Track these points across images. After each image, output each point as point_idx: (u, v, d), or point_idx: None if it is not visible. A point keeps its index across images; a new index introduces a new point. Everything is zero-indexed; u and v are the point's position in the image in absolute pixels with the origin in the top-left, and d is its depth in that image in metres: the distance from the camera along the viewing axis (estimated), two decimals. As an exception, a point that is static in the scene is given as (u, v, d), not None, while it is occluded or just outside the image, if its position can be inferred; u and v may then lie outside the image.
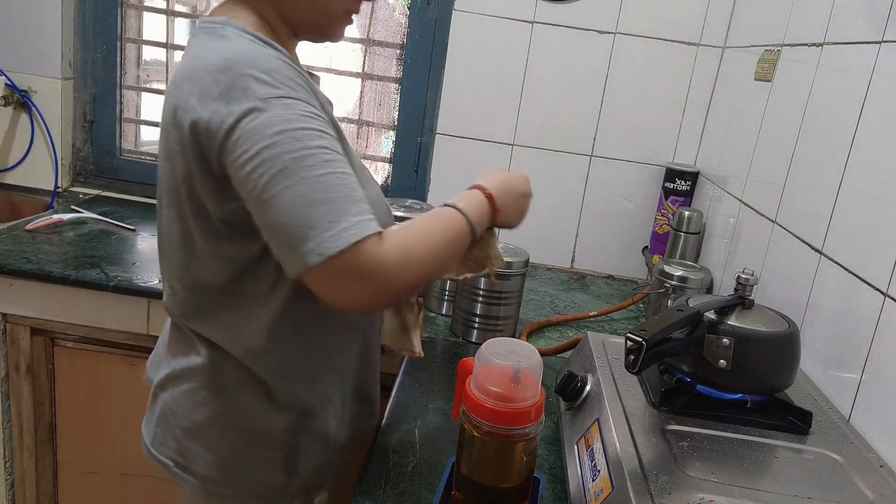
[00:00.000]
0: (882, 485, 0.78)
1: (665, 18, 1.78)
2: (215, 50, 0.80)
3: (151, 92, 2.08)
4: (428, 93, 1.91)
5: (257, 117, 0.75)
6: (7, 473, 1.59)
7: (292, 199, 0.74)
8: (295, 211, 0.74)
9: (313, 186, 0.75)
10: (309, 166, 0.75)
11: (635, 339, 0.78)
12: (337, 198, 0.76)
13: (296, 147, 0.75)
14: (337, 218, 0.75)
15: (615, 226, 1.92)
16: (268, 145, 0.75)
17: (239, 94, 0.76)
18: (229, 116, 0.76)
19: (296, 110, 0.77)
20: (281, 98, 0.77)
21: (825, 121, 1.16)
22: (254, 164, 0.75)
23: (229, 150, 0.76)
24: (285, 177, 0.75)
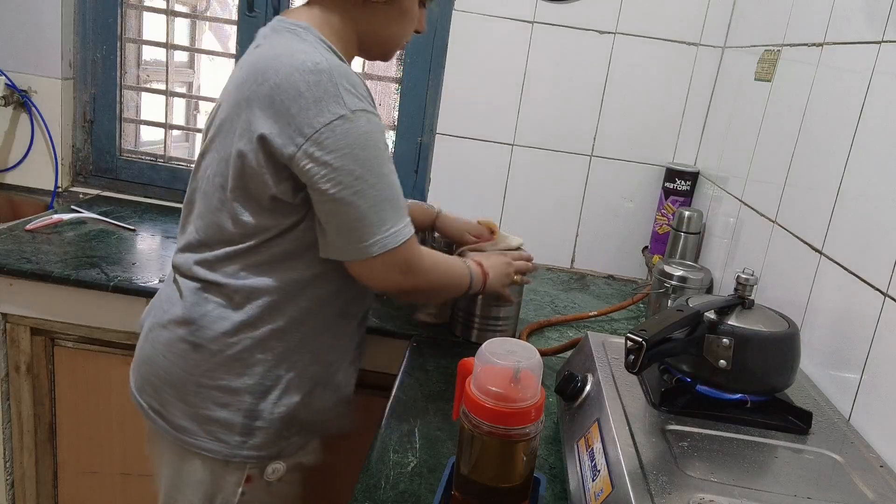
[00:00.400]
0: (882, 485, 0.78)
1: (665, 18, 1.78)
2: (302, 51, 0.91)
3: (151, 92, 2.08)
4: (428, 93, 1.91)
5: (345, 124, 0.88)
6: (7, 473, 1.59)
7: (369, 200, 0.91)
8: (370, 210, 0.91)
9: (385, 190, 0.92)
10: (382, 173, 0.92)
11: (635, 339, 0.78)
12: (399, 201, 0.95)
13: (374, 155, 0.91)
14: (399, 219, 0.94)
15: (615, 226, 1.92)
16: (358, 147, 0.89)
17: (331, 100, 0.88)
18: (318, 115, 0.88)
19: (374, 123, 0.92)
20: (365, 111, 0.91)
21: (825, 121, 1.16)
22: (341, 162, 0.89)
23: (312, 149, 0.88)
24: (372, 176, 0.91)
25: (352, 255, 0.94)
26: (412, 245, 0.97)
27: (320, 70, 0.88)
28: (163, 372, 1.01)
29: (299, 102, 0.88)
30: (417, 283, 1.00)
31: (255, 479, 1.02)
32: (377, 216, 0.92)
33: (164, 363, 1.01)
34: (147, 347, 1.04)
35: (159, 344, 1.01)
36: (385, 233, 0.93)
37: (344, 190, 0.90)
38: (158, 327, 1.03)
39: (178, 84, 2.10)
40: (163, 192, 2.03)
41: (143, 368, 1.04)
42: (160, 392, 1.01)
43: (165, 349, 1.01)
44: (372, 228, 0.92)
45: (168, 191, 2.03)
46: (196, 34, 2.12)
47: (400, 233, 0.94)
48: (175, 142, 2.08)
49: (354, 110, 0.89)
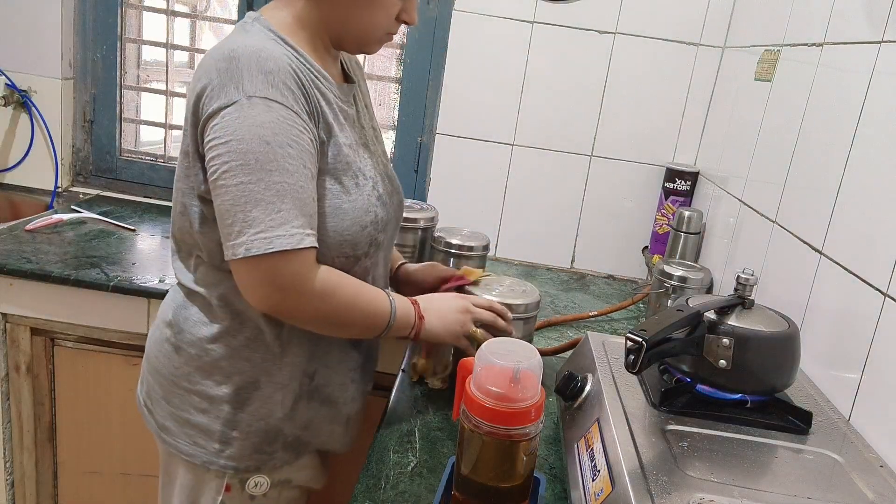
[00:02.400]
0: (882, 485, 0.78)
1: (665, 18, 1.78)
2: (231, 41, 0.87)
3: (151, 92, 2.08)
4: (428, 93, 1.91)
5: (238, 111, 0.82)
6: (7, 473, 1.59)
7: (241, 194, 0.81)
8: (240, 204, 0.81)
9: (265, 189, 0.81)
10: (268, 170, 0.81)
11: (635, 339, 0.78)
12: (284, 207, 0.82)
13: (262, 150, 0.81)
14: (277, 224, 0.81)
15: (615, 226, 1.92)
16: (238, 139, 0.82)
17: (230, 84, 0.83)
18: (216, 101, 0.83)
19: (276, 114, 0.83)
20: (266, 99, 0.83)
21: (825, 121, 1.16)
22: (220, 150, 0.82)
23: (207, 132, 0.84)
24: (244, 172, 0.81)
25: (225, 253, 0.84)
26: (293, 258, 0.83)
27: (232, 57, 0.83)
28: (153, 370, 1.01)
29: (208, 91, 0.84)
30: (299, 306, 0.86)
31: (234, 489, 0.99)
32: (246, 215, 0.81)
33: (154, 362, 1.01)
34: (147, 345, 1.05)
35: (152, 342, 1.03)
36: (253, 235, 0.81)
37: (219, 180, 0.82)
38: (154, 327, 1.04)
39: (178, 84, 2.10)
40: (163, 192, 2.03)
41: (144, 364, 1.06)
42: (151, 390, 1.02)
43: (156, 348, 1.01)
44: (237, 227, 0.81)
45: (168, 191, 2.03)
46: (196, 34, 2.12)
47: (272, 239, 0.81)
48: (175, 142, 2.08)
49: (251, 95, 0.82)
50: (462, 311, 1.02)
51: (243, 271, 0.84)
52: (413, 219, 1.49)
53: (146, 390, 1.04)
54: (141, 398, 1.05)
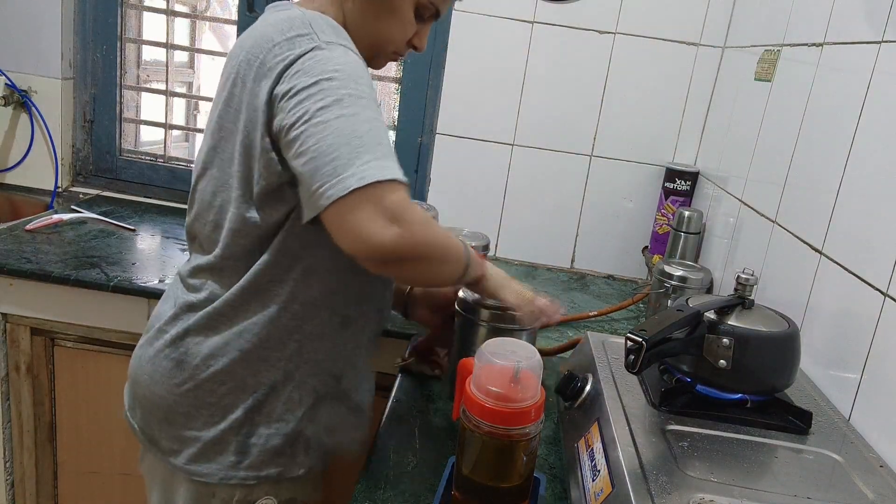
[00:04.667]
0: (882, 485, 0.78)
1: (665, 18, 1.78)
2: (281, 16, 0.86)
3: (151, 92, 2.08)
4: (428, 93, 1.91)
5: (318, 54, 0.80)
6: (7, 473, 1.59)
7: (345, 126, 0.76)
8: (345, 136, 0.75)
9: (365, 121, 0.77)
10: (363, 105, 0.78)
11: (635, 339, 0.78)
12: (384, 142, 0.78)
13: (353, 86, 0.78)
14: (382, 155, 0.76)
15: (615, 226, 1.92)
16: (328, 77, 0.78)
17: (303, 38, 0.81)
18: (290, 53, 0.80)
19: (356, 59, 0.83)
20: (343, 46, 0.82)
21: (825, 121, 1.16)
22: (310, 91, 0.77)
23: (283, 82, 0.80)
24: (341, 106, 0.76)
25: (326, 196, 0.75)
26: (402, 188, 0.77)
27: (292, 17, 0.83)
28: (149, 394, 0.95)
29: (273, 50, 0.82)
30: (405, 236, 0.76)
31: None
32: (352, 149, 0.75)
33: (148, 384, 0.95)
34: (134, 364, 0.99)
35: (143, 362, 0.96)
36: (364, 164, 0.74)
37: (314, 118, 0.76)
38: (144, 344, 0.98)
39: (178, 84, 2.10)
40: (163, 192, 2.03)
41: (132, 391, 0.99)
42: (147, 415, 0.96)
43: (149, 368, 0.95)
44: (347, 159, 0.75)
45: (168, 191, 2.03)
46: (196, 34, 2.12)
47: (385, 167, 0.75)
48: (175, 142, 2.08)
49: (328, 42, 0.81)
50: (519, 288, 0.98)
51: (352, 207, 0.74)
52: None
53: (141, 418, 0.97)
54: (137, 428, 0.98)
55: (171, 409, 0.93)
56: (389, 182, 0.75)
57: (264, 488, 0.93)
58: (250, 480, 0.92)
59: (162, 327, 0.95)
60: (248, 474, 0.92)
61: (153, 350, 0.95)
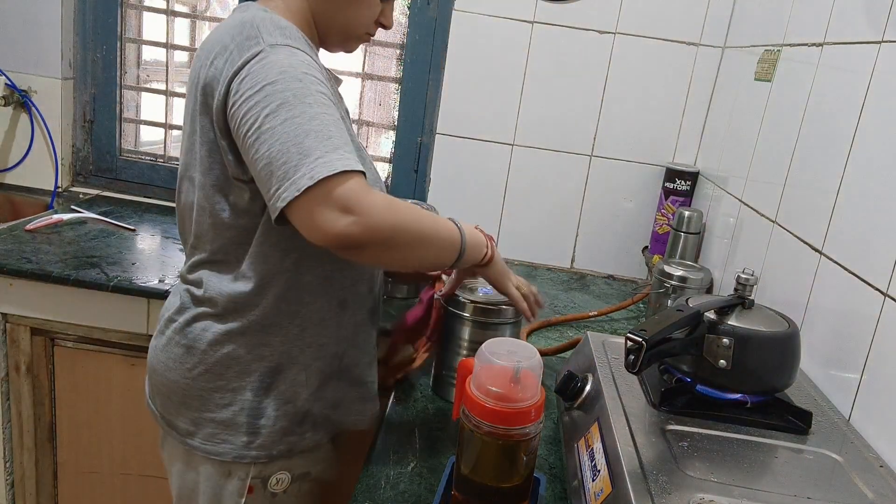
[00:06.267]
0: (882, 485, 0.78)
1: (665, 18, 1.78)
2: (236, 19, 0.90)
3: (151, 92, 2.08)
4: (428, 93, 1.91)
5: (264, 58, 0.83)
6: (7, 473, 1.59)
7: (290, 129, 0.79)
8: (292, 139, 0.79)
9: (311, 120, 0.80)
10: (308, 103, 0.81)
11: (635, 339, 0.78)
12: (333, 134, 0.81)
13: (297, 86, 0.81)
14: (331, 149, 0.79)
15: (615, 226, 1.92)
16: (272, 82, 0.82)
17: (250, 42, 0.84)
18: (238, 59, 0.84)
19: (300, 58, 0.84)
20: (288, 46, 0.85)
21: (825, 121, 1.16)
22: (256, 99, 0.81)
23: (233, 89, 0.83)
24: (285, 110, 0.80)
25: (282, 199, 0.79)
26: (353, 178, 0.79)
27: (243, 22, 0.87)
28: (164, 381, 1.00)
29: (224, 55, 0.86)
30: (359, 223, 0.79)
31: (256, 490, 0.99)
32: (299, 148, 0.79)
33: (163, 371, 1.00)
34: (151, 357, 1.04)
35: (158, 351, 1.01)
36: (312, 163, 0.78)
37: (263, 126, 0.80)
38: (157, 334, 1.03)
39: (178, 84, 2.10)
40: (163, 192, 2.03)
41: (151, 379, 1.04)
42: (166, 401, 1.01)
43: (163, 356, 1.00)
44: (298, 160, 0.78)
45: (168, 191, 2.03)
46: (196, 34, 2.12)
47: (331, 162, 0.78)
48: (175, 142, 2.08)
49: (274, 44, 0.84)
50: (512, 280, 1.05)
51: (307, 205, 0.78)
52: None
53: (161, 404, 1.02)
54: (157, 414, 1.03)
55: (187, 394, 0.97)
56: (339, 175, 0.78)
57: (278, 464, 0.99)
58: (262, 459, 0.97)
59: (171, 317, 1.00)
60: (259, 453, 0.97)
61: (165, 339, 1.00)
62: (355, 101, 1.99)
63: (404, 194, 1.95)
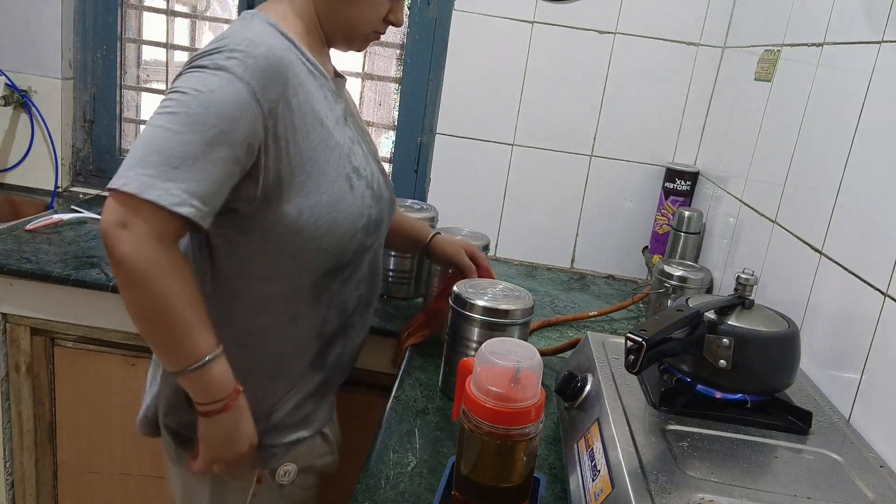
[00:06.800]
0: (882, 485, 0.78)
1: (665, 18, 1.78)
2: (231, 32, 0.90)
3: (151, 92, 2.08)
4: (428, 93, 1.91)
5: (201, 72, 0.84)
6: (7, 473, 1.59)
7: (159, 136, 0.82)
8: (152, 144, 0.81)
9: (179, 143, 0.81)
10: (193, 131, 0.82)
11: (635, 339, 0.78)
12: (187, 168, 0.81)
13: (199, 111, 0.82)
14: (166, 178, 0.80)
15: (615, 226, 1.92)
16: (185, 91, 0.83)
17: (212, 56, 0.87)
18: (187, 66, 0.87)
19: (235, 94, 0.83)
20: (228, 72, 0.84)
21: (825, 121, 1.16)
22: (167, 96, 0.85)
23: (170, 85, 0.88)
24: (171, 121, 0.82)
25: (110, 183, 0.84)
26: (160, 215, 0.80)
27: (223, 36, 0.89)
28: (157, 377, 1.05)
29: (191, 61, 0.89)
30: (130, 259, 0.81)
31: (265, 480, 1.01)
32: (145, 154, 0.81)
33: None
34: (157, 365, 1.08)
35: None
36: (140, 174, 0.80)
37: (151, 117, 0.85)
38: None
39: (178, 84, 2.11)
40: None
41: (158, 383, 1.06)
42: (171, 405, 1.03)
43: None
44: (131, 162, 0.81)
45: (168, 191, 2.03)
46: (196, 34, 2.12)
47: (154, 187, 0.79)
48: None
49: (218, 66, 0.84)
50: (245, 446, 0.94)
51: (113, 198, 0.82)
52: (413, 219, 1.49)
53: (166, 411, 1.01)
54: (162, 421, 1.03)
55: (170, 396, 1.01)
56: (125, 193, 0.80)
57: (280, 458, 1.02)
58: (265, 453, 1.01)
59: None
60: None
61: None
62: (355, 101, 1.98)
63: (404, 194, 1.95)
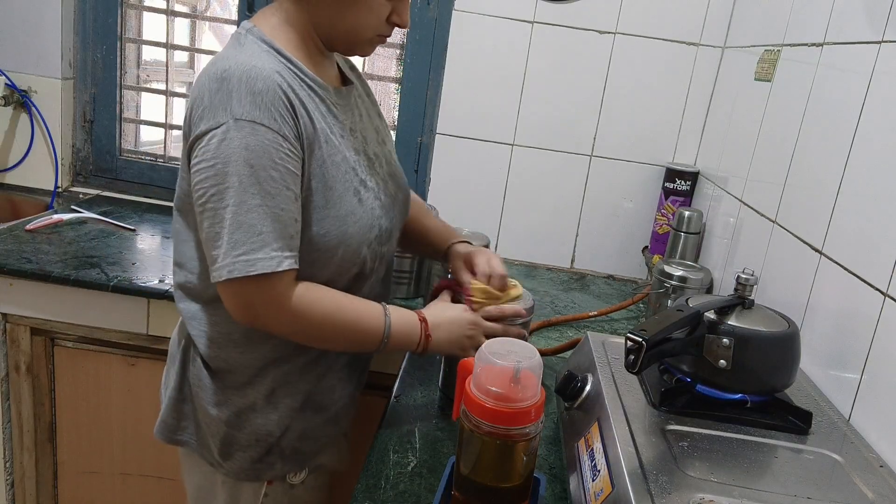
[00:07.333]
0: (882, 485, 0.78)
1: (665, 18, 1.78)
2: (225, 58, 0.88)
3: (151, 92, 2.08)
4: (428, 93, 1.91)
5: (225, 134, 0.83)
6: (7, 473, 1.59)
7: (226, 217, 0.84)
8: (226, 227, 0.84)
9: (247, 211, 0.84)
10: (252, 193, 0.83)
11: (635, 339, 0.78)
12: (265, 229, 0.84)
13: (246, 173, 0.83)
14: (257, 247, 0.84)
15: (615, 226, 1.92)
16: (223, 161, 0.83)
17: (220, 106, 0.84)
18: (205, 123, 0.85)
19: (262, 138, 0.84)
20: (252, 122, 0.84)
21: (825, 121, 1.16)
22: (206, 174, 0.84)
23: (195, 153, 0.86)
24: (228, 196, 0.83)
25: (214, 277, 0.86)
26: (270, 281, 0.85)
27: (224, 78, 0.85)
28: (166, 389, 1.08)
29: (199, 111, 0.86)
30: (275, 325, 0.90)
31: (276, 482, 1.02)
32: (231, 238, 0.84)
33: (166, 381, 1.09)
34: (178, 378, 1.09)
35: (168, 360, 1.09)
36: (235, 258, 0.84)
37: (207, 203, 0.85)
38: None
39: (178, 84, 2.10)
40: (163, 192, 2.03)
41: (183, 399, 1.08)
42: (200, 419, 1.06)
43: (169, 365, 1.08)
44: (225, 249, 0.84)
45: (168, 191, 2.03)
46: (196, 34, 2.12)
47: (254, 262, 0.84)
48: (175, 142, 2.08)
49: (238, 118, 0.83)
50: (472, 325, 1.01)
51: (227, 294, 0.88)
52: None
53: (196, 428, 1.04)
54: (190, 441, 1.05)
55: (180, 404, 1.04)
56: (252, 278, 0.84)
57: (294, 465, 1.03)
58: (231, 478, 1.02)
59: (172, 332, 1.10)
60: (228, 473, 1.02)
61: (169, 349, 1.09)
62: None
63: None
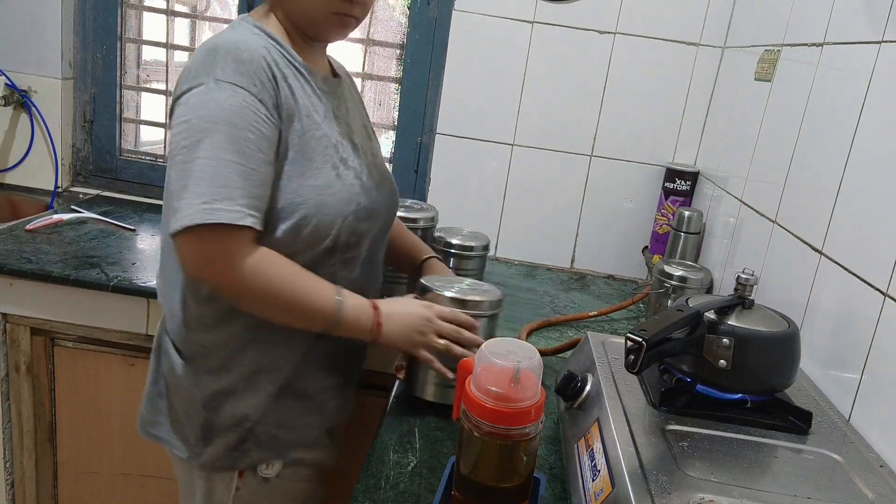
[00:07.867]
0: (882, 485, 0.78)
1: (665, 18, 1.78)
2: (217, 37, 0.93)
3: (151, 92, 2.08)
4: (428, 93, 1.91)
5: (206, 92, 0.86)
6: (7, 473, 1.59)
7: (196, 168, 0.84)
8: (191, 179, 0.84)
9: (217, 165, 0.84)
10: (225, 149, 0.84)
11: (635, 339, 0.78)
12: (232, 184, 0.84)
13: (222, 129, 0.85)
14: (221, 198, 0.83)
15: (615, 226, 1.92)
16: (200, 116, 0.85)
17: (204, 71, 0.87)
18: (187, 84, 0.88)
19: (240, 99, 0.87)
20: (233, 85, 0.87)
21: (825, 121, 1.16)
22: (183, 127, 0.86)
23: (175, 111, 0.89)
24: (201, 149, 0.84)
25: (172, 229, 0.85)
26: (229, 233, 0.84)
27: (212, 50, 0.89)
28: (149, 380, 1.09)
29: (185, 78, 0.90)
30: (227, 279, 0.87)
31: (246, 475, 1.02)
32: (196, 187, 0.83)
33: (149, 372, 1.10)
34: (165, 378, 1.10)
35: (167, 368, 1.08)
36: (197, 207, 0.82)
37: (178, 155, 0.85)
38: None
39: (177, 84, 2.11)
40: (163, 192, 2.02)
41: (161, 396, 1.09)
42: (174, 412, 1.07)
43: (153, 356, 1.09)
44: (185, 202, 0.83)
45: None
46: (196, 34, 2.12)
47: (213, 210, 0.82)
48: (175, 142, 2.08)
49: (219, 80, 0.86)
50: (425, 321, 0.98)
51: (183, 241, 0.85)
52: (413, 219, 1.49)
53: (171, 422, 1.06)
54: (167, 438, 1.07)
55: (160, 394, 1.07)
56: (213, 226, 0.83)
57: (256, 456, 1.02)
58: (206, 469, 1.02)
59: None
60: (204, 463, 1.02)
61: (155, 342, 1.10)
62: (356, 101, 1.99)
63: (404, 194, 1.94)
